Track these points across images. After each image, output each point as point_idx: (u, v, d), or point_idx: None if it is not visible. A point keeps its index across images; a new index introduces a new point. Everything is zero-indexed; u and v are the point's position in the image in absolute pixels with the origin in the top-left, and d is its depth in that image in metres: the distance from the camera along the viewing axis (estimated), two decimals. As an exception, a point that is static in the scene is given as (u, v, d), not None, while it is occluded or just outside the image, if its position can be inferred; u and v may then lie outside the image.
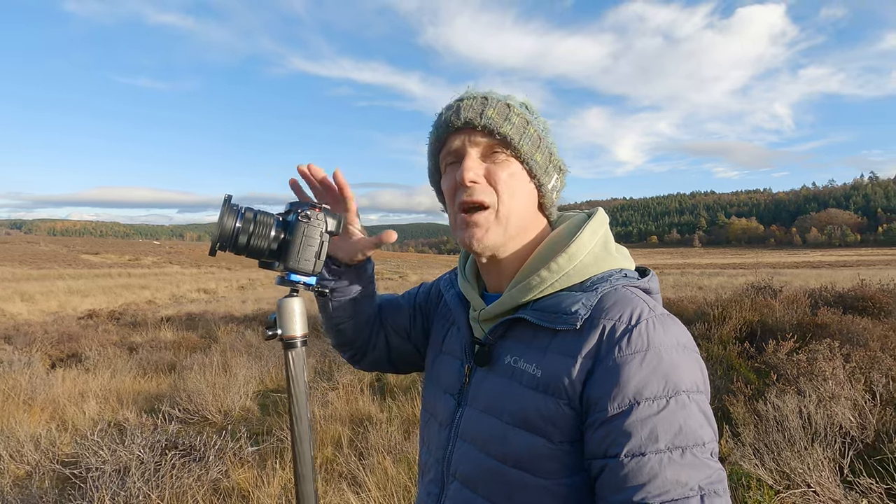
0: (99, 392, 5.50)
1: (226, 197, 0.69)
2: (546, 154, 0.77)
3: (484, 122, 0.72)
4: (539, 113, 0.80)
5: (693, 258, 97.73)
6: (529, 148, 0.75)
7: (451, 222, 0.80)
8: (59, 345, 8.50)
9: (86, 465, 3.37)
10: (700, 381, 0.65)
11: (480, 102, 0.74)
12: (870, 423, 3.27)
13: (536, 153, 0.76)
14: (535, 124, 0.76)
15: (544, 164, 0.77)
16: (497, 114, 0.73)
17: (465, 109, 0.73)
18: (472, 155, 0.74)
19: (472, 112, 0.73)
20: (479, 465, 0.72)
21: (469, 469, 0.73)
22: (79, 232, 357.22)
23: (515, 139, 0.73)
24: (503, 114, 0.73)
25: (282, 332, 0.72)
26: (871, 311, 6.17)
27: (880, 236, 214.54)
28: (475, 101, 0.74)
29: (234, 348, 7.46)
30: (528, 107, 0.78)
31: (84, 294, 21.67)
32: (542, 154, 0.76)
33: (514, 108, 0.75)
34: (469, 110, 0.73)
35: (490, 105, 0.73)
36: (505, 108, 0.74)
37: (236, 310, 13.33)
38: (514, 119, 0.74)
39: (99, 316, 13.03)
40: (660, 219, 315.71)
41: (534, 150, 0.75)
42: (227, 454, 3.60)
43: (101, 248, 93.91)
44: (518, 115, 0.74)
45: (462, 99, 0.76)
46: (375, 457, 3.37)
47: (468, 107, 0.74)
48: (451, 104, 0.77)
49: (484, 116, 0.73)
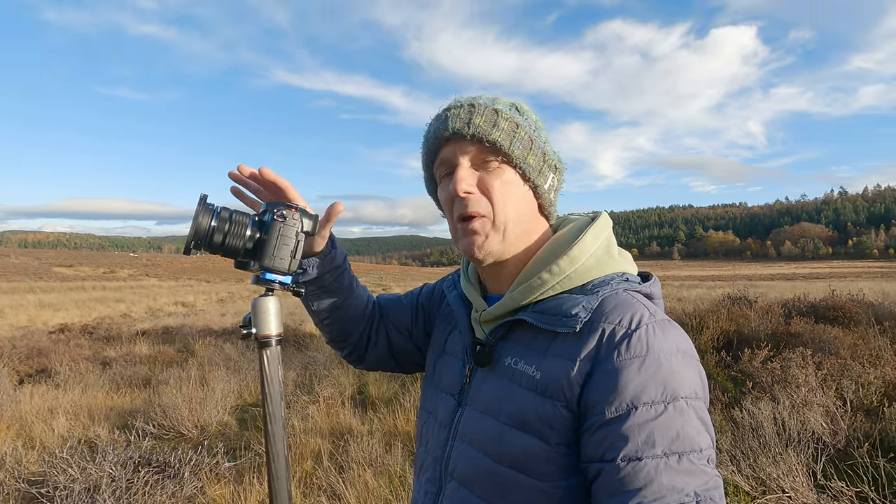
0: (69, 408, 5.30)
1: (201, 196, 0.69)
2: (539, 155, 0.76)
3: (472, 130, 0.72)
4: (531, 112, 0.79)
5: (673, 270, 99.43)
6: (521, 152, 0.74)
7: (451, 232, 0.79)
8: (28, 360, 8.19)
9: (53, 484, 3.25)
10: (699, 387, 0.65)
11: (467, 111, 0.73)
12: (841, 428, 3.36)
13: (529, 156, 0.75)
14: (526, 126, 0.75)
15: (538, 165, 0.76)
16: (485, 121, 0.73)
17: (453, 119, 0.73)
18: (464, 165, 0.74)
19: (459, 122, 0.73)
20: (476, 465, 0.72)
21: (467, 469, 0.73)
22: (51, 244, 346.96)
23: (505, 145, 0.73)
24: (491, 120, 0.73)
25: (256, 331, 0.72)
26: (841, 320, 6.37)
27: (850, 249, 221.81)
28: (462, 109, 0.74)
29: (213, 362, 7.29)
30: (519, 108, 0.78)
31: (56, 308, 20.98)
32: (535, 156, 0.76)
33: (501, 112, 0.74)
34: (456, 120, 0.73)
35: (477, 112, 0.73)
36: (492, 114, 0.73)
37: (215, 323, 13.05)
38: (502, 124, 0.73)
39: (71, 330, 12.62)
40: (640, 232, 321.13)
41: (525, 153, 0.75)
42: (203, 470, 3.51)
43: (75, 260, 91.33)
44: (506, 120, 0.74)
45: (449, 108, 0.76)
46: (356, 469, 3.32)
47: (455, 116, 0.73)
48: (440, 114, 0.76)
49: (472, 125, 0.72)
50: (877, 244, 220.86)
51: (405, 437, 4.05)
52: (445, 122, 0.74)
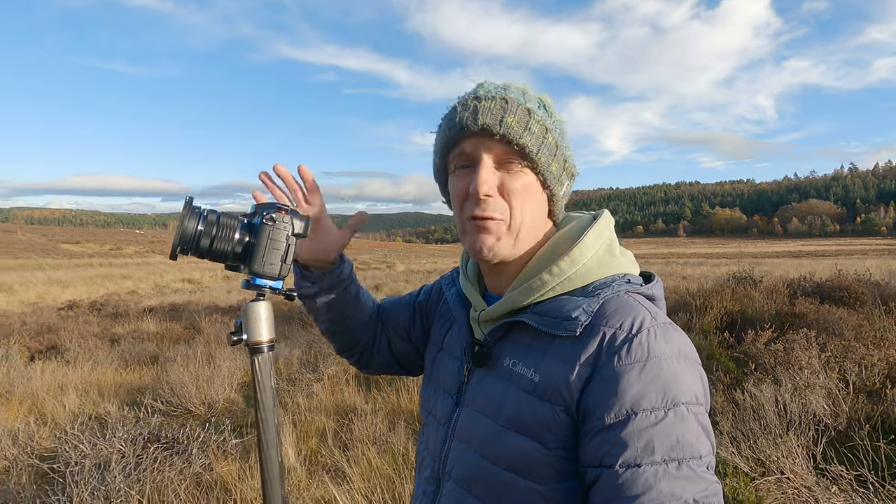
0: (79, 385, 5.41)
1: (187, 199, 0.67)
2: (561, 162, 0.74)
3: (503, 130, 0.68)
4: (555, 110, 0.76)
5: (678, 248, 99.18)
6: (546, 158, 0.72)
7: (458, 226, 0.76)
8: (38, 337, 8.33)
9: (65, 460, 3.33)
10: (700, 392, 0.64)
11: (500, 107, 0.69)
12: (842, 410, 3.37)
13: (553, 163, 0.73)
14: (554, 130, 0.73)
15: (558, 173, 0.74)
16: (517, 122, 0.68)
17: (484, 113, 0.68)
18: (487, 164, 0.70)
19: (491, 118, 0.68)
20: (473, 465, 0.72)
21: (464, 469, 0.73)
22: (57, 220, 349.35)
23: (534, 151, 0.70)
24: (523, 122, 0.69)
25: (247, 338, 0.71)
26: (846, 300, 6.33)
27: (858, 226, 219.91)
28: (494, 103, 0.69)
29: (219, 339, 7.39)
30: (547, 106, 0.74)
31: (64, 284, 21.25)
32: (558, 163, 0.73)
33: (535, 114, 0.70)
34: (488, 115, 0.68)
35: (510, 111, 0.69)
36: (525, 114, 0.69)
37: (221, 300, 13.18)
38: (534, 128, 0.70)
39: (79, 307, 12.80)
40: (645, 209, 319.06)
41: (550, 160, 0.72)
42: (211, 447, 3.58)
43: (82, 237, 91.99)
44: (538, 123, 0.70)
45: (480, 98, 0.70)
46: (360, 448, 3.38)
47: (486, 110, 0.69)
48: (468, 102, 0.71)
49: (504, 124, 0.68)
50: (885, 221, 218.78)
51: (408, 415, 4.11)
52: (475, 115, 0.69)
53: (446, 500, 0.75)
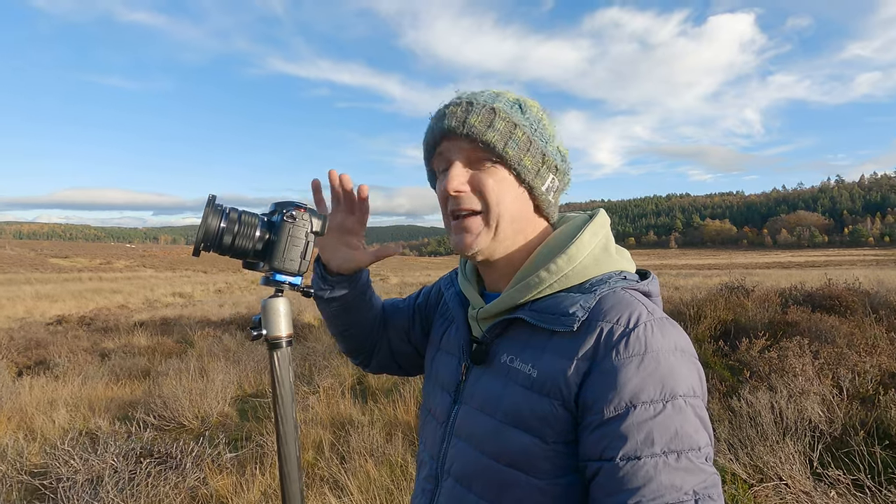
0: (69, 400, 5.31)
1: (210, 197, 0.68)
2: (537, 156, 0.75)
3: (466, 130, 0.72)
4: (536, 109, 0.77)
5: (670, 259, 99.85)
6: (516, 153, 0.73)
7: (445, 226, 0.80)
8: (27, 352, 8.19)
9: (56, 476, 3.27)
10: (697, 385, 0.65)
11: (464, 109, 0.73)
12: (837, 416, 3.40)
13: (525, 157, 0.74)
14: (525, 126, 0.74)
15: (535, 167, 0.75)
16: (480, 121, 0.72)
17: (449, 117, 0.73)
18: (457, 163, 0.74)
19: (455, 120, 0.72)
20: (473, 462, 0.72)
21: (463, 466, 0.74)
22: (46, 235, 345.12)
23: (499, 146, 0.72)
24: (487, 120, 0.72)
25: (266, 333, 0.72)
26: (837, 309, 6.41)
27: (846, 237, 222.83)
28: (459, 107, 0.73)
29: (212, 353, 7.30)
30: (522, 105, 0.76)
31: (53, 299, 20.93)
32: (533, 157, 0.74)
33: (500, 112, 0.73)
34: (452, 118, 0.73)
35: (474, 112, 0.72)
36: (489, 113, 0.72)
37: (213, 314, 13.05)
38: (498, 125, 0.72)
39: (68, 321, 12.60)
40: (637, 220, 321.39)
41: (521, 154, 0.73)
42: (205, 461, 3.53)
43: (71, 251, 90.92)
44: (503, 120, 0.72)
45: (448, 105, 0.75)
46: (357, 460, 3.35)
47: (452, 114, 0.73)
48: (439, 110, 0.76)
49: (466, 125, 0.72)
50: (872, 232, 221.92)
51: (405, 426, 4.08)
52: (441, 120, 0.74)
53: (445, 498, 0.76)
